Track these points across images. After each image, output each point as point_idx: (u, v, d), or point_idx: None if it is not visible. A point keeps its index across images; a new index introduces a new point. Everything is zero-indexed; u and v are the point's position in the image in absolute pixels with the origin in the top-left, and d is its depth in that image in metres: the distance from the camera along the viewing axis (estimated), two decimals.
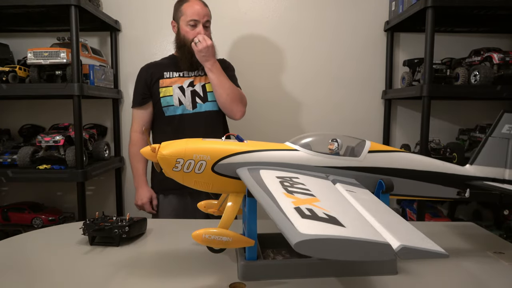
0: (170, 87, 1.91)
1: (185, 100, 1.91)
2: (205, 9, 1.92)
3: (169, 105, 1.91)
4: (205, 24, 1.90)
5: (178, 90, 1.91)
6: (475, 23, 2.49)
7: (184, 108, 1.91)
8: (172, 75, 1.94)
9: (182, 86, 1.91)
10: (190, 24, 1.88)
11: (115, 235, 1.23)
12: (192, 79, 1.93)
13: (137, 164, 2.00)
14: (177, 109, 1.91)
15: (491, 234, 1.42)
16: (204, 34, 1.87)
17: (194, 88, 1.92)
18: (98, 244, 1.25)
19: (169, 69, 1.94)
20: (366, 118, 2.70)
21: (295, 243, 0.59)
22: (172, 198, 1.98)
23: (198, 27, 1.88)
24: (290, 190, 0.82)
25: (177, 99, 1.90)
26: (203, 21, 1.89)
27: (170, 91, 1.91)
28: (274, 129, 2.67)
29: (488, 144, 1.19)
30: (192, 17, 1.87)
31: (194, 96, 1.91)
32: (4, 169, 2.14)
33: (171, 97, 1.90)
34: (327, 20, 2.65)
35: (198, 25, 1.88)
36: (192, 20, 1.87)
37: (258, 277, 1.01)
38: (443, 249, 0.66)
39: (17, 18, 2.38)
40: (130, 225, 1.26)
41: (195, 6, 1.89)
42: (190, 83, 1.92)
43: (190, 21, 1.88)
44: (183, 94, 1.91)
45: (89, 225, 1.25)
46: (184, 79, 1.93)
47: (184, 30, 1.90)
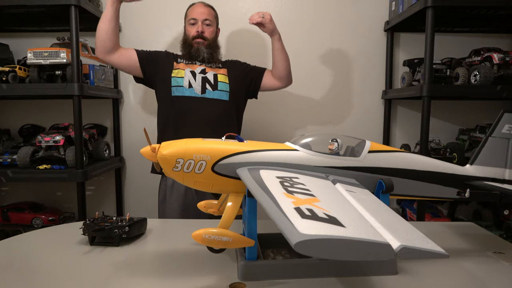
0: (183, 70, 2.01)
1: (195, 84, 1.98)
2: (206, 9, 2.06)
3: (178, 85, 1.98)
4: (204, 22, 2.04)
5: (189, 74, 1.99)
6: (475, 23, 2.49)
7: (192, 90, 1.97)
8: (185, 61, 2.06)
9: (194, 71, 2.00)
10: (191, 22, 2.05)
11: (115, 235, 1.23)
12: (204, 67, 2.04)
13: None
14: (186, 91, 1.97)
15: (491, 234, 1.42)
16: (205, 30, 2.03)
17: (206, 75, 2.01)
18: (98, 244, 1.25)
19: (184, 57, 2.07)
20: (366, 118, 2.70)
21: (295, 243, 0.59)
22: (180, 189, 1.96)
23: (196, 24, 2.03)
24: (290, 190, 0.82)
25: (187, 81, 1.98)
26: (201, 19, 2.03)
27: (182, 73, 2.00)
28: (274, 129, 2.67)
29: (488, 144, 1.19)
30: (192, 16, 2.05)
31: (205, 82, 1.99)
32: (4, 169, 2.14)
33: (182, 78, 1.98)
34: (327, 20, 2.65)
35: (197, 23, 2.03)
36: (192, 18, 2.05)
37: (258, 277, 1.01)
38: (443, 249, 0.66)
39: (17, 18, 2.38)
40: (130, 225, 1.26)
41: (196, 8, 2.07)
42: (202, 70, 2.02)
43: (190, 20, 2.05)
44: (194, 78, 1.99)
45: (89, 225, 1.25)
46: (196, 66, 2.04)
47: (187, 29, 2.09)
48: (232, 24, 2.63)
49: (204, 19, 2.04)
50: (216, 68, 2.07)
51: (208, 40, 2.04)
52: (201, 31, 2.03)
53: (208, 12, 2.06)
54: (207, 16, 2.05)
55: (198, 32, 2.02)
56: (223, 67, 2.09)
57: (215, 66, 2.08)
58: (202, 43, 2.03)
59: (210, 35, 2.06)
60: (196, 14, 2.04)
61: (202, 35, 2.03)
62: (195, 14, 2.05)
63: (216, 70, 2.06)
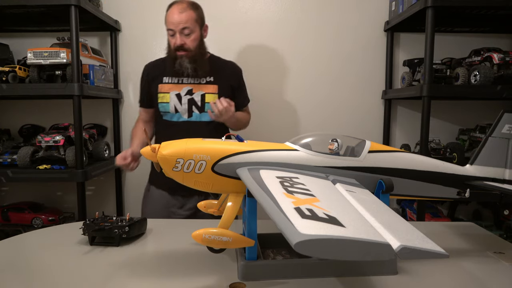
0: (168, 93, 1.87)
1: (181, 108, 1.87)
2: (183, 16, 1.78)
3: (165, 111, 1.89)
4: (183, 32, 1.80)
5: (175, 98, 1.87)
6: (475, 23, 2.49)
7: (179, 115, 1.88)
8: (171, 80, 1.89)
9: (179, 94, 1.87)
10: (169, 33, 1.83)
11: (115, 235, 1.23)
12: (191, 86, 1.88)
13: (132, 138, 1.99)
14: (173, 116, 1.89)
15: (491, 234, 1.42)
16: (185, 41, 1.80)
17: (192, 97, 1.87)
18: (98, 244, 1.25)
19: (168, 73, 1.89)
20: (366, 118, 2.70)
21: (295, 243, 0.59)
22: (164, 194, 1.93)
23: (175, 36, 1.81)
24: (290, 190, 0.83)
25: (173, 107, 1.87)
26: (178, 30, 1.79)
27: (167, 98, 1.87)
28: (274, 129, 2.67)
29: (488, 144, 1.19)
30: (168, 26, 1.82)
31: (191, 105, 1.87)
32: (4, 169, 2.14)
33: (168, 104, 1.88)
34: (327, 20, 2.65)
35: (176, 34, 1.80)
36: (169, 29, 1.82)
37: (258, 277, 1.01)
38: (443, 249, 0.66)
39: (17, 18, 2.37)
40: (130, 225, 1.26)
41: (172, 16, 1.80)
42: (188, 91, 1.87)
43: (168, 30, 1.83)
44: (180, 102, 1.87)
45: (89, 225, 1.25)
46: (182, 86, 1.88)
47: (168, 37, 1.87)
48: (232, 24, 2.63)
49: (182, 29, 1.79)
50: (206, 85, 1.89)
51: (191, 51, 1.82)
52: (180, 43, 1.80)
53: (186, 19, 1.78)
54: (185, 25, 1.78)
55: (177, 45, 1.81)
56: (214, 80, 1.90)
57: (205, 81, 1.89)
58: (185, 55, 1.82)
59: (193, 44, 1.83)
60: (172, 24, 1.79)
61: (182, 47, 1.81)
62: (171, 24, 1.79)
63: (205, 87, 1.88)
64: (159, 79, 1.91)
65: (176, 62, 1.83)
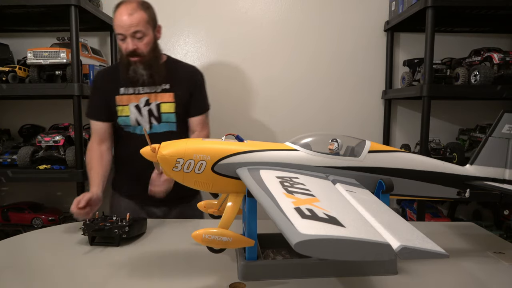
0: (127, 106, 1.71)
1: (142, 120, 1.72)
2: (133, 18, 1.59)
3: (126, 125, 1.74)
4: (134, 35, 1.61)
5: (134, 110, 1.71)
6: (475, 23, 2.49)
7: (141, 128, 1.72)
8: (128, 91, 1.72)
9: (138, 105, 1.71)
10: (119, 38, 1.64)
11: (115, 235, 1.23)
12: (147, 96, 1.72)
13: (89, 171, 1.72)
14: (136, 129, 1.74)
15: (491, 234, 1.42)
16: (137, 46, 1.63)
17: (150, 107, 1.72)
18: (98, 244, 1.25)
19: (124, 83, 1.72)
20: (366, 118, 2.70)
21: (295, 243, 0.59)
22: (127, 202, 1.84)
23: (126, 41, 1.62)
24: (290, 190, 0.82)
25: (135, 120, 1.71)
26: (129, 33, 1.60)
27: (127, 111, 1.71)
28: (274, 129, 2.67)
29: (488, 144, 1.19)
30: (117, 31, 1.62)
31: (150, 116, 1.73)
32: (4, 169, 2.14)
33: (128, 117, 1.72)
34: (327, 20, 2.65)
35: (126, 39, 1.62)
36: (119, 34, 1.63)
37: (258, 277, 1.01)
38: (443, 249, 0.66)
39: (17, 18, 2.37)
40: (130, 225, 1.26)
41: (121, 17, 1.60)
42: (146, 101, 1.72)
43: (118, 35, 1.64)
44: (140, 113, 1.71)
45: (89, 225, 1.25)
46: (140, 97, 1.72)
47: (118, 42, 1.68)
48: (232, 24, 2.63)
49: (134, 33, 1.61)
50: (161, 93, 1.72)
51: (145, 56, 1.65)
52: (133, 48, 1.63)
53: (137, 21, 1.60)
54: (136, 28, 1.60)
55: (130, 51, 1.63)
56: (170, 88, 1.73)
57: (160, 89, 1.72)
58: (139, 60, 1.65)
59: (146, 48, 1.65)
60: (122, 28, 1.60)
61: (134, 52, 1.64)
62: (121, 28, 1.60)
63: (161, 96, 1.72)
64: (115, 90, 1.72)
65: (130, 69, 1.66)
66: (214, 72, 2.65)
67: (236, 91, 2.66)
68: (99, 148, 1.74)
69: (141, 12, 1.63)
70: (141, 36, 1.64)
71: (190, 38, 2.65)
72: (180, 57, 2.63)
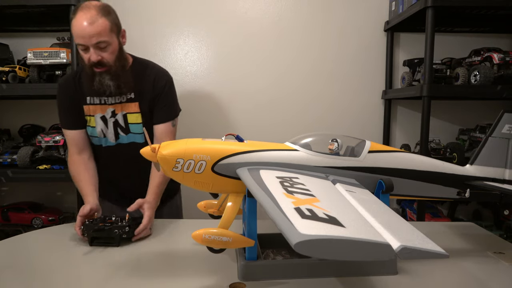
0: (93, 116, 1.64)
1: (108, 132, 1.65)
2: (94, 27, 1.44)
3: (93, 136, 1.67)
4: (98, 45, 1.47)
5: (100, 121, 1.64)
6: (475, 23, 2.49)
7: (107, 140, 1.66)
8: (93, 100, 1.63)
9: (104, 116, 1.64)
10: (80, 48, 1.50)
11: (115, 235, 1.23)
12: (113, 107, 1.63)
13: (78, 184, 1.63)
14: (101, 140, 1.67)
15: (491, 234, 1.42)
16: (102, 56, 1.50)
17: (116, 118, 1.64)
18: (98, 244, 1.25)
19: (90, 93, 1.61)
20: (366, 118, 2.70)
21: (295, 243, 0.59)
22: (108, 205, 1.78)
23: (89, 52, 1.49)
24: (290, 190, 0.82)
25: (101, 131, 1.65)
26: (91, 44, 1.46)
27: (93, 122, 1.64)
28: (273, 129, 2.67)
29: (488, 144, 1.19)
30: (78, 41, 1.47)
31: (116, 127, 1.65)
32: (4, 169, 2.14)
33: (94, 128, 1.65)
34: (327, 20, 2.64)
35: (89, 49, 1.48)
36: (80, 44, 1.48)
37: (258, 277, 1.01)
38: (443, 249, 0.66)
39: (17, 18, 2.37)
40: (130, 225, 1.26)
41: (80, 26, 1.44)
42: (112, 112, 1.63)
43: (79, 45, 1.49)
44: (106, 125, 1.64)
45: (89, 226, 1.25)
46: (106, 107, 1.63)
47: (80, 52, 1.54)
48: (232, 24, 2.63)
49: (96, 43, 1.46)
50: (127, 103, 1.63)
51: (110, 66, 1.53)
52: (96, 60, 1.49)
53: (99, 31, 1.45)
54: (98, 39, 1.45)
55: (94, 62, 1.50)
56: (135, 97, 1.63)
57: (126, 98, 1.62)
58: (105, 71, 1.53)
59: (111, 57, 1.53)
60: (82, 39, 1.45)
61: (99, 63, 1.51)
62: (81, 39, 1.45)
63: (127, 106, 1.63)
64: (82, 99, 1.63)
65: (95, 79, 1.54)
66: (213, 72, 2.65)
67: (236, 91, 2.66)
68: (80, 158, 1.66)
69: (103, 19, 1.46)
70: (105, 46, 1.49)
71: (190, 38, 2.64)
72: (180, 57, 2.65)
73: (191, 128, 2.62)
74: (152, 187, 1.56)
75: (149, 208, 1.43)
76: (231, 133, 1.07)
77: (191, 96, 2.65)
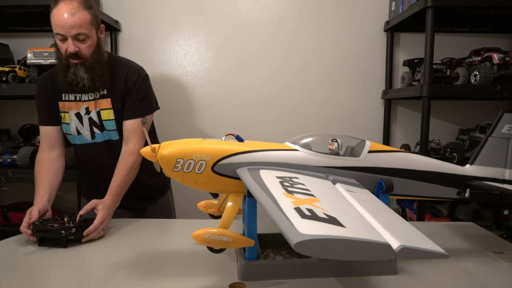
0: (67, 113, 1.62)
1: (84, 129, 1.63)
2: (75, 18, 1.45)
3: (67, 133, 1.66)
4: (77, 37, 1.49)
5: (75, 118, 1.62)
6: (475, 23, 2.49)
7: (82, 137, 1.64)
8: (68, 97, 1.62)
9: (79, 113, 1.62)
10: (58, 38, 1.50)
11: (61, 236, 1.22)
12: (87, 104, 1.61)
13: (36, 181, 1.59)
14: (76, 139, 1.66)
15: (491, 234, 1.42)
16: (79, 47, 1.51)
17: (90, 116, 1.62)
18: (46, 245, 1.24)
19: (65, 89, 1.61)
20: (366, 118, 2.70)
21: (295, 243, 0.59)
22: None
23: (67, 42, 1.49)
24: (290, 190, 0.82)
25: (75, 128, 1.63)
26: (71, 34, 1.47)
27: (67, 119, 1.63)
28: (273, 129, 2.67)
29: (488, 144, 1.19)
30: (57, 30, 1.48)
31: (92, 125, 1.63)
32: (4, 169, 2.14)
33: (69, 125, 1.63)
34: (326, 20, 2.65)
35: (68, 40, 1.49)
36: (58, 34, 1.48)
37: (258, 277, 1.01)
38: (443, 249, 0.66)
39: (17, 18, 2.38)
40: (78, 227, 1.25)
41: (61, 16, 1.45)
42: (86, 109, 1.62)
43: (57, 35, 1.49)
44: (81, 122, 1.62)
45: (37, 226, 1.25)
46: (81, 104, 1.61)
47: (57, 42, 1.53)
48: (232, 24, 2.63)
49: (75, 35, 1.48)
50: (100, 99, 1.61)
51: (87, 58, 1.53)
52: (74, 51, 1.49)
53: (80, 22, 1.46)
54: (78, 30, 1.47)
55: (71, 53, 1.50)
56: (108, 93, 1.62)
57: (99, 95, 1.61)
58: (80, 63, 1.53)
59: (89, 50, 1.53)
60: (61, 29, 1.46)
61: (76, 54, 1.51)
62: (61, 29, 1.46)
63: (100, 102, 1.61)
64: (58, 96, 1.63)
65: (69, 71, 1.53)
66: (214, 72, 2.66)
67: (236, 91, 2.66)
68: (48, 156, 1.63)
69: (84, 12, 1.48)
70: (84, 38, 1.51)
71: (190, 38, 2.65)
72: (180, 57, 2.65)
73: (191, 128, 2.62)
74: (112, 187, 1.52)
75: (103, 209, 1.39)
76: (231, 133, 1.07)
77: (191, 96, 2.65)
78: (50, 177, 1.58)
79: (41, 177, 1.57)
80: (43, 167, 1.60)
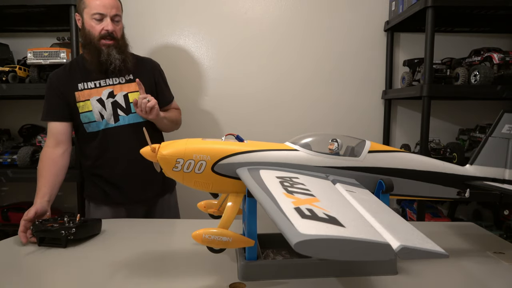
0: (88, 100, 1.65)
1: (107, 113, 1.66)
2: (115, 1, 1.63)
3: (91, 121, 1.67)
4: (113, 18, 1.63)
5: (97, 104, 1.65)
6: (475, 23, 2.49)
7: (106, 122, 1.67)
8: (87, 85, 1.67)
9: (101, 98, 1.66)
10: (95, 18, 1.59)
11: (61, 237, 1.22)
12: (111, 88, 1.67)
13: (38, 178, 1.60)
14: (100, 124, 1.67)
15: (491, 234, 1.42)
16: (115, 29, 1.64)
17: (115, 99, 1.67)
18: (46, 245, 1.24)
19: (82, 79, 1.67)
20: (366, 118, 2.70)
21: (295, 243, 0.59)
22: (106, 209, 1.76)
23: (104, 21, 1.60)
24: (290, 190, 0.82)
25: (98, 114, 1.65)
26: (110, 14, 1.61)
27: (89, 106, 1.65)
28: (274, 129, 2.67)
29: (488, 144, 1.19)
30: (97, 10, 1.58)
31: (116, 108, 1.67)
32: (4, 169, 2.14)
33: (91, 112, 1.65)
34: (326, 20, 2.65)
35: (105, 19, 1.60)
36: (97, 13, 1.59)
37: (258, 277, 1.01)
38: (443, 249, 0.66)
39: (17, 18, 2.38)
40: (77, 227, 1.25)
41: None
42: (109, 93, 1.67)
43: (94, 15, 1.59)
44: (104, 107, 1.66)
45: (37, 226, 1.25)
46: (101, 90, 1.67)
47: (89, 24, 1.61)
48: (232, 24, 2.63)
49: (114, 15, 1.62)
50: (126, 84, 1.70)
51: (119, 40, 1.66)
52: (112, 30, 1.61)
53: (117, 6, 1.64)
54: (116, 11, 1.63)
55: (108, 31, 1.61)
56: (134, 78, 1.70)
57: (124, 80, 1.70)
58: (113, 44, 1.64)
59: (120, 33, 1.68)
60: (103, 8, 1.58)
61: (112, 34, 1.62)
62: (102, 8, 1.58)
63: (126, 86, 1.70)
64: (73, 87, 1.66)
65: (103, 52, 1.61)
66: (213, 72, 2.66)
67: (236, 91, 2.66)
68: (53, 153, 1.63)
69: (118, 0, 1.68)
70: (118, 20, 1.66)
71: (190, 38, 2.65)
72: (180, 57, 2.65)
73: (191, 128, 2.62)
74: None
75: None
76: (231, 133, 1.07)
77: (191, 96, 2.65)
78: (52, 176, 1.58)
79: (44, 176, 1.57)
80: (47, 165, 1.60)
